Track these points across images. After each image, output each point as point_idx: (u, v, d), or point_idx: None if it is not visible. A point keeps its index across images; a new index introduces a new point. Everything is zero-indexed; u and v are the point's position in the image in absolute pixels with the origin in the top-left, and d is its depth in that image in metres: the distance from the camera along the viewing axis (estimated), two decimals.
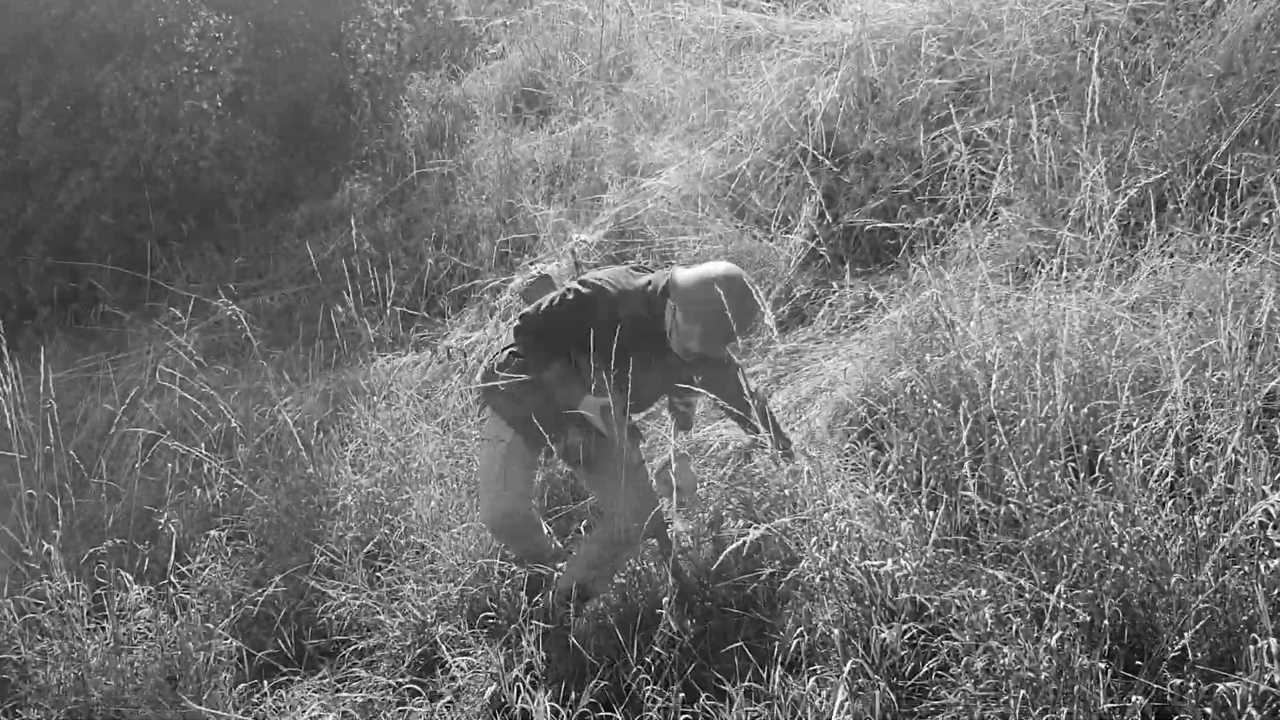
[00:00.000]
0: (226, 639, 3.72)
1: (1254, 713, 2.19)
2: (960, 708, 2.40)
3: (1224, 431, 2.64)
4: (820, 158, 5.00)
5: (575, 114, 6.48)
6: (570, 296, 3.45)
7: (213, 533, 4.26)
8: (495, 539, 3.69)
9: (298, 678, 3.73)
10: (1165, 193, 3.90)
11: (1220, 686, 2.28)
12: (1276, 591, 2.39)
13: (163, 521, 4.35)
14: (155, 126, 6.89)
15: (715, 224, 5.04)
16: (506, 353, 3.61)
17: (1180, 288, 3.41)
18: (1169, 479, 2.65)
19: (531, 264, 5.42)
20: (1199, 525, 2.48)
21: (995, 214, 4.21)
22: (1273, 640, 2.23)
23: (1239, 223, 3.59)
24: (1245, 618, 2.40)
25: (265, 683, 3.66)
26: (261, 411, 5.02)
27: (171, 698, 3.46)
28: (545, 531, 3.74)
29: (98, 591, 3.90)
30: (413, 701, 3.43)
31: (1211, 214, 3.59)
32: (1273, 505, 2.39)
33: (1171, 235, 3.70)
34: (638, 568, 3.50)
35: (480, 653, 3.40)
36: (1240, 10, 4.33)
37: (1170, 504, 2.59)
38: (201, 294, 6.14)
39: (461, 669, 3.37)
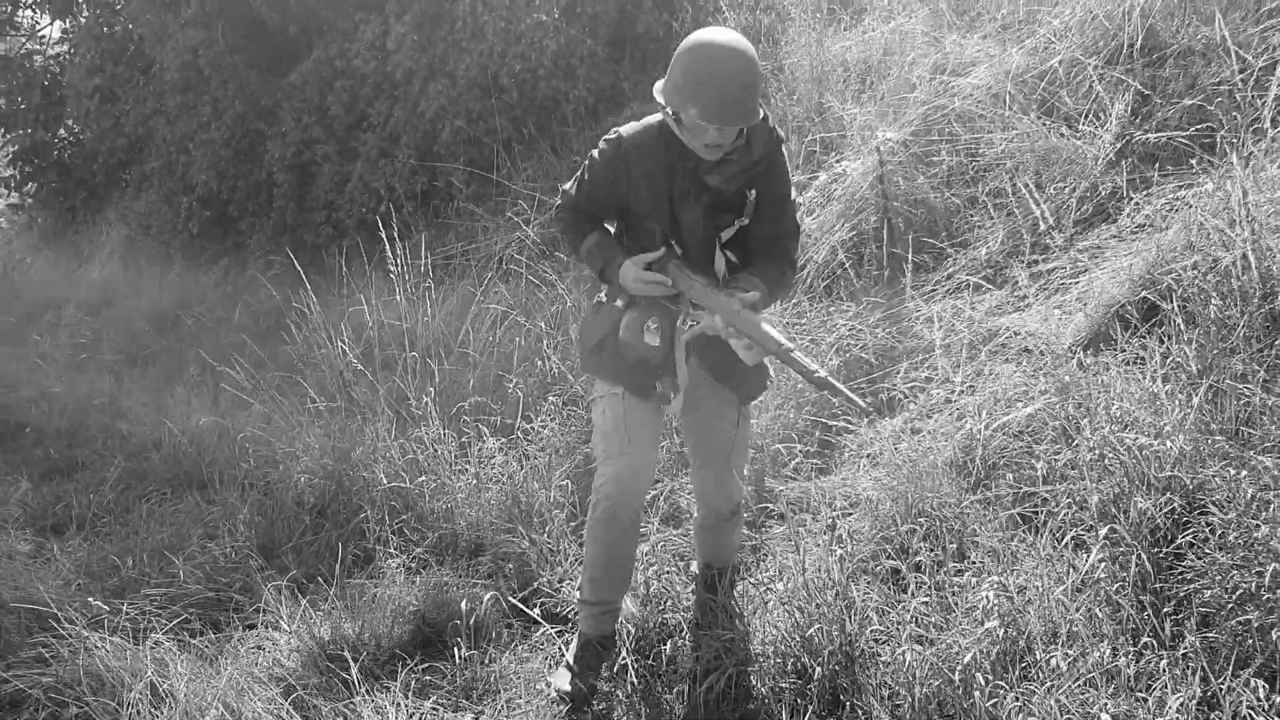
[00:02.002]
0: (562, 484, 4.37)
1: None
2: (1212, 575, 2.58)
3: None
4: (1135, 54, 4.91)
5: (889, 14, 6.58)
6: (592, 154, 3.08)
7: (550, 397, 4.96)
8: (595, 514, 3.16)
9: None
10: None
11: None
12: None
13: (511, 385, 5.09)
14: (501, 38, 7.66)
15: (1023, 122, 5.09)
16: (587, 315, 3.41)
17: None
18: None
19: (838, 161, 5.67)
20: None
21: None
22: None
23: None
24: None
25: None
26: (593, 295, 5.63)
27: (520, 529, 4.15)
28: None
29: (462, 440, 4.67)
30: None
31: None
32: None
33: None
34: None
35: None
36: None
37: None
38: (540, 192, 6.83)
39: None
